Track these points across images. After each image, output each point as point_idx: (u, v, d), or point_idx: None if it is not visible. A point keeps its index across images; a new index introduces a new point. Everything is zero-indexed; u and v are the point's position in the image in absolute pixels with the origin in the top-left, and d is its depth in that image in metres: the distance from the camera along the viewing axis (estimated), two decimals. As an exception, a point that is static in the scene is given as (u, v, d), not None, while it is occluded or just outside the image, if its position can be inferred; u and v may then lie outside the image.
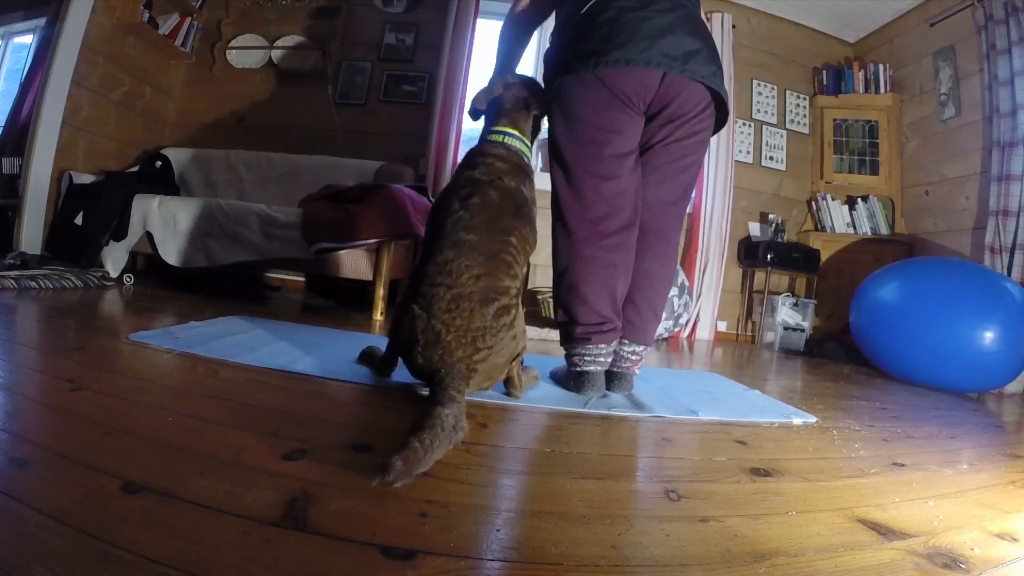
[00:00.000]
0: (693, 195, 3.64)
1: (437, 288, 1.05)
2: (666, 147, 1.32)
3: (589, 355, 1.34)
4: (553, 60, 1.37)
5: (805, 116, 3.98)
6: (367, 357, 1.35)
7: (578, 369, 1.35)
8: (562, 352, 1.43)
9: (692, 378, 1.83)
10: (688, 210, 3.69)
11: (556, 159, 1.36)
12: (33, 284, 2.08)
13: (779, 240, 3.61)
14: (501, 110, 1.32)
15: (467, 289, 1.05)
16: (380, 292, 2.46)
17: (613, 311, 1.34)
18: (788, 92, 3.95)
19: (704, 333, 3.59)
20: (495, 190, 1.17)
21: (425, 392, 1.17)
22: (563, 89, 1.31)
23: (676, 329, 3.10)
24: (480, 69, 3.51)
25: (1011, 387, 2.39)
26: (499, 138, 1.28)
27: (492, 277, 1.09)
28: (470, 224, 1.11)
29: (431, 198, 2.89)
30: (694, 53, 1.23)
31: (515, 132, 1.29)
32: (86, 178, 2.75)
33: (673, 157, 1.33)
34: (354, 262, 2.49)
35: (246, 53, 3.69)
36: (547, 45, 1.45)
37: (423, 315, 1.05)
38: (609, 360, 1.37)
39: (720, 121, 1.37)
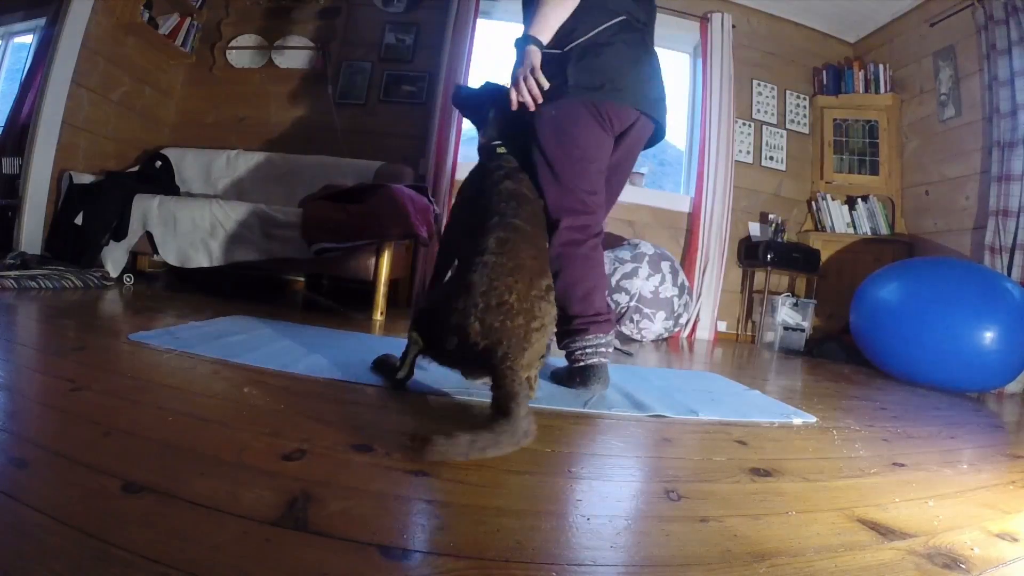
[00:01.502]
0: (693, 194, 3.69)
1: (499, 258, 1.11)
2: (619, 164, 1.53)
3: (590, 346, 1.38)
4: (550, 72, 1.38)
5: (805, 116, 3.98)
6: (382, 365, 1.30)
7: (582, 364, 1.39)
8: (561, 354, 1.44)
9: (692, 378, 1.83)
10: (688, 210, 3.72)
11: (546, 170, 1.41)
12: (33, 284, 2.08)
13: (779, 240, 3.61)
14: (500, 127, 1.41)
15: (525, 263, 1.13)
16: (380, 292, 2.45)
17: (604, 304, 1.43)
18: (788, 92, 3.95)
19: (704, 333, 3.59)
20: (533, 204, 1.32)
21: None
22: (561, 109, 1.37)
23: (676, 329, 3.10)
24: (480, 69, 3.51)
25: (1011, 387, 2.39)
26: (505, 151, 1.38)
27: (542, 260, 1.21)
28: (523, 216, 1.23)
29: (431, 198, 2.89)
30: (660, 100, 1.48)
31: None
32: (86, 178, 2.75)
33: (623, 171, 1.57)
34: (354, 262, 2.48)
35: (246, 53, 3.69)
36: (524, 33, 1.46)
37: (484, 280, 1.07)
38: (610, 351, 1.42)
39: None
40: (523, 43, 1.31)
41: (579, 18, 1.36)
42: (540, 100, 1.32)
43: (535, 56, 1.31)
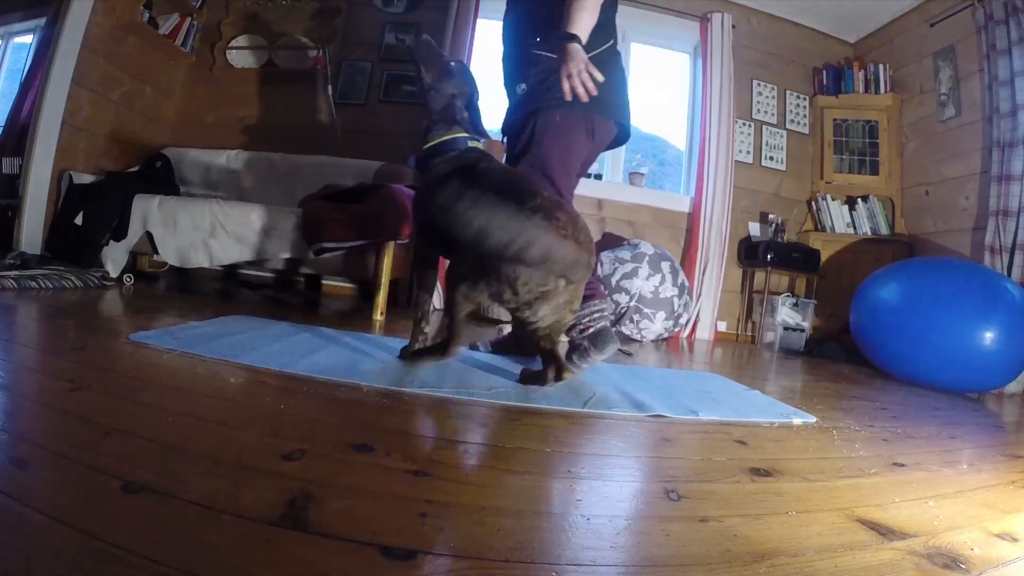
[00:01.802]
0: (693, 194, 3.70)
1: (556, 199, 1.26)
2: (583, 163, 1.68)
3: (596, 311, 1.49)
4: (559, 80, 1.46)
5: (805, 116, 3.98)
6: (415, 352, 1.43)
7: (592, 329, 1.47)
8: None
9: (692, 378, 1.83)
10: (688, 210, 3.73)
11: (542, 170, 1.54)
12: (33, 284, 2.08)
13: (779, 240, 3.61)
14: (476, 123, 1.46)
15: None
16: (381, 292, 2.45)
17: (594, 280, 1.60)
18: (788, 92, 3.95)
19: (704, 333, 3.59)
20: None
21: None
22: (565, 117, 1.50)
23: (676, 329, 3.10)
24: (480, 69, 3.50)
25: (1011, 387, 2.39)
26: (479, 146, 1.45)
27: None
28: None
29: (431, 198, 2.89)
30: (629, 111, 1.68)
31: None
32: (86, 178, 2.75)
33: (585, 169, 1.73)
34: (354, 262, 2.49)
35: (246, 53, 3.69)
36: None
37: (556, 208, 1.20)
38: (611, 318, 1.56)
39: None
40: (565, 40, 1.40)
41: None
42: (595, 93, 1.40)
43: (582, 53, 1.40)
